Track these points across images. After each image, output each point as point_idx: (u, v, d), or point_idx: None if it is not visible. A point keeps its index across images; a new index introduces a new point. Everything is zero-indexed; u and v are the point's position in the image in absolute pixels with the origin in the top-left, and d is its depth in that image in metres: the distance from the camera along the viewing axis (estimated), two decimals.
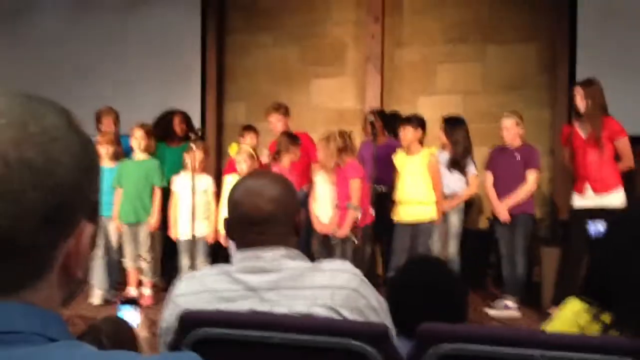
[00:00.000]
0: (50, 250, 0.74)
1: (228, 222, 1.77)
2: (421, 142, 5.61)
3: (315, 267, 1.67)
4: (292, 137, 5.82)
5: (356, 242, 5.25)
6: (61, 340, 0.72)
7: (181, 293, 1.74)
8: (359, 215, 5.23)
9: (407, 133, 5.49)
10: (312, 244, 5.68)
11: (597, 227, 5.03)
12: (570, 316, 2.08)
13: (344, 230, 5.29)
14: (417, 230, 5.41)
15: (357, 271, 1.69)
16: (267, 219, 1.68)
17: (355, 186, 5.28)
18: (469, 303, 2.27)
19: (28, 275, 0.73)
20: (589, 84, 5.27)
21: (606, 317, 2.01)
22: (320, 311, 1.60)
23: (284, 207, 1.70)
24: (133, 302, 1.65)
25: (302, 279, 1.64)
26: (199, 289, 1.71)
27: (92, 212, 0.78)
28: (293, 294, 1.63)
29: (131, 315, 1.63)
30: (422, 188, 5.40)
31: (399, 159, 5.57)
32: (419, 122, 5.57)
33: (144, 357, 0.76)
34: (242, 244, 1.73)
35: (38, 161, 0.71)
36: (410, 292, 2.02)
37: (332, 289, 1.62)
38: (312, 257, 3.44)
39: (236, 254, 1.73)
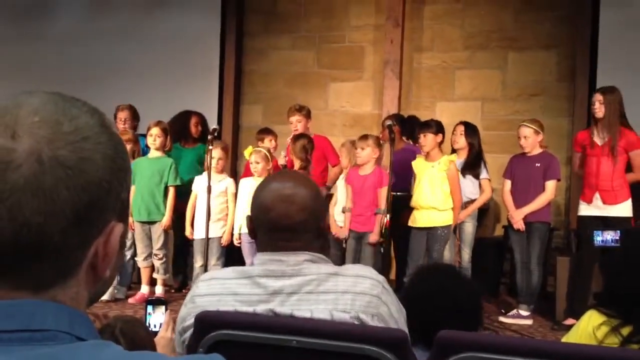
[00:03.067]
0: (80, 249, 0.74)
1: (253, 223, 1.74)
2: (440, 147, 5.60)
3: (338, 272, 1.66)
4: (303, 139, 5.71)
5: (384, 245, 5.33)
6: (88, 339, 0.72)
7: (202, 293, 1.73)
8: (387, 219, 5.26)
9: (429, 139, 5.47)
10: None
11: (603, 237, 4.97)
12: (588, 328, 2.07)
13: (375, 236, 5.36)
14: (432, 235, 5.41)
15: (381, 278, 1.67)
16: (297, 227, 1.67)
17: (384, 194, 5.32)
18: (483, 309, 2.25)
19: (58, 273, 0.73)
20: (609, 91, 5.20)
21: (625, 330, 1.99)
22: (341, 316, 1.59)
23: (314, 213, 1.69)
24: (160, 302, 1.63)
25: (325, 284, 1.63)
26: (220, 291, 1.70)
27: (122, 211, 0.78)
28: (315, 298, 1.62)
29: (157, 315, 1.62)
30: (440, 194, 5.39)
31: (418, 164, 5.56)
32: (438, 128, 5.54)
33: (168, 358, 0.76)
34: (266, 247, 1.71)
35: (71, 160, 0.71)
36: (424, 300, 2.01)
37: (353, 295, 1.61)
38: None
39: (258, 256, 1.72)
